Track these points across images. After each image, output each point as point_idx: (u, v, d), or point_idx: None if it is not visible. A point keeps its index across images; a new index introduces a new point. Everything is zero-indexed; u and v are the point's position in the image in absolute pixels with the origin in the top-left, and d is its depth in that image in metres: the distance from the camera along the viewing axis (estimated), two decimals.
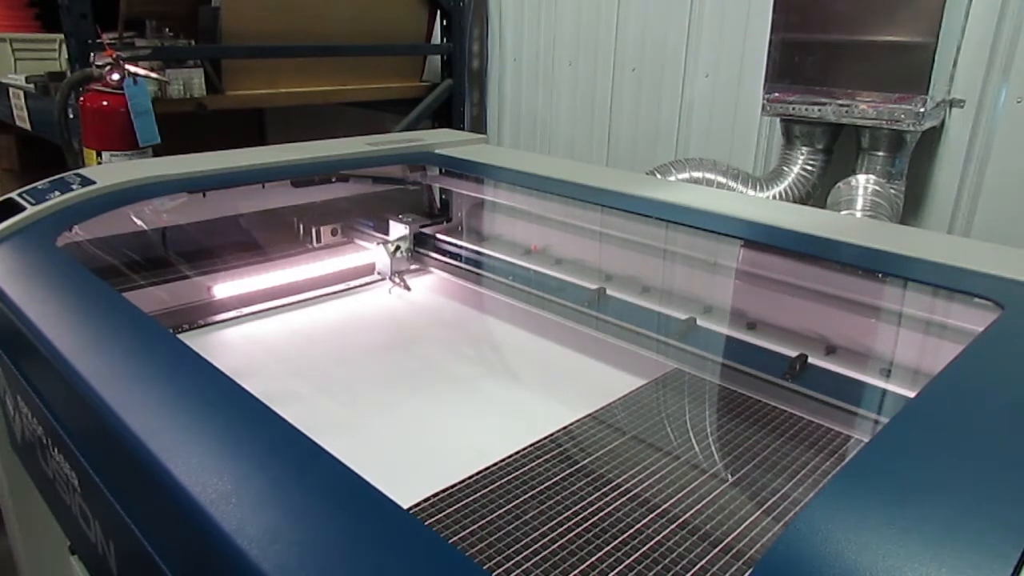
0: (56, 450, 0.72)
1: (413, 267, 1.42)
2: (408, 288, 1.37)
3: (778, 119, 1.82)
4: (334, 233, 1.44)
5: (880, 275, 0.95)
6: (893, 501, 0.45)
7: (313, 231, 1.42)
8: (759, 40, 1.85)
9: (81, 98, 1.76)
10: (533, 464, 0.79)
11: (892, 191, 1.62)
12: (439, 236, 1.46)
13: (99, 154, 1.75)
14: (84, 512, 0.69)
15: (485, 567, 0.63)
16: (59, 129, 1.85)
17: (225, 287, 1.24)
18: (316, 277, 1.34)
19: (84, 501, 0.68)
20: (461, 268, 1.37)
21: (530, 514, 0.70)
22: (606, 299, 1.18)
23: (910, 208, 1.73)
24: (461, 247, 1.43)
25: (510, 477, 0.76)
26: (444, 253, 1.41)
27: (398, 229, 1.43)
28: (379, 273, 1.40)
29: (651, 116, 2.21)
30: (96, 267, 1.13)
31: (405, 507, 0.56)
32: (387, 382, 1.03)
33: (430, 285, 1.40)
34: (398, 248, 1.38)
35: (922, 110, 1.50)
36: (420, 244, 1.45)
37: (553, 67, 2.46)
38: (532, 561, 0.64)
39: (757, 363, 1.03)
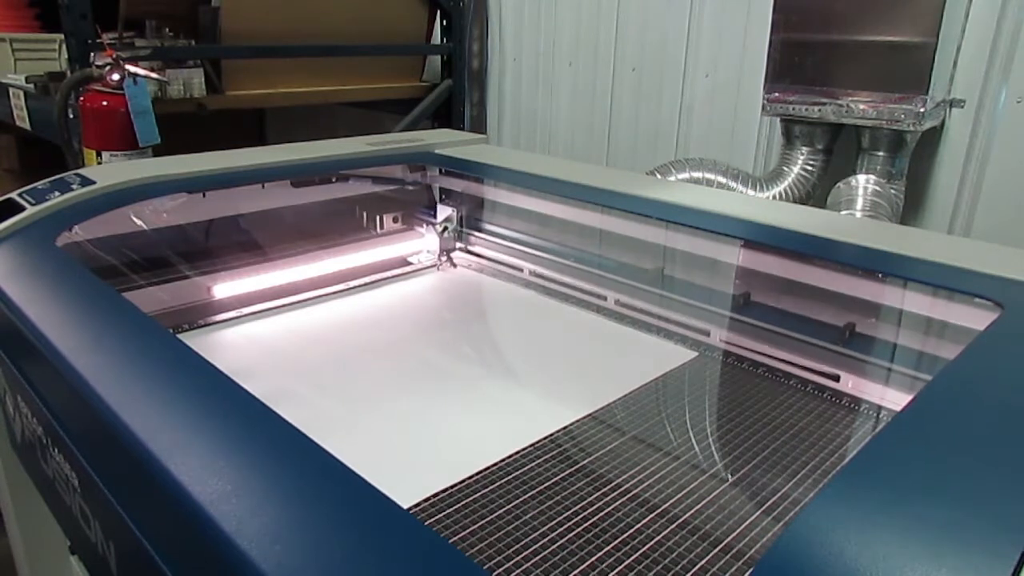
0: (56, 450, 0.72)
1: (459, 246, 1.50)
2: (455, 265, 1.47)
3: (778, 119, 1.82)
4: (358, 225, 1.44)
5: (880, 275, 0.95)
6: (893, 501, 0.45)
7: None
8: (759, 40, 1.85)
9: (81, 98, 1.75)
10: (533, 464, 0.79)
11: (892, 191, 1.62)
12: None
13: (99, 154, 1.75)
14: (84, 512, 0.69)
15: (485, 567, 0.63)
16: (59, 129, 1.85)
17: (225, 287, 1.24)
18: (316, 277, 1.34)
19: (84, 501, 0.68)
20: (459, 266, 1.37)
21: (530, 514, 0.70)
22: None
23: (910, 208, 1.73)
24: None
25: (510, 477, 0.76)
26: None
27: (444, 211, 1.49)
28: (428, 252, 1.49)
29: (651, 116, 2.21)
30: (96, 267, 1.13)
31: (405, 507, 0.56)
32: (388, 381, 1.03)
33: (430, 283, 1.40)
34: (445, 228, 1.47)
35: (922, 110, 1.50)
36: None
37: (553, 67, 2.46)
38: (532, 561, 0.64)
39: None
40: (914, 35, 1.50)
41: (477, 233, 1.48)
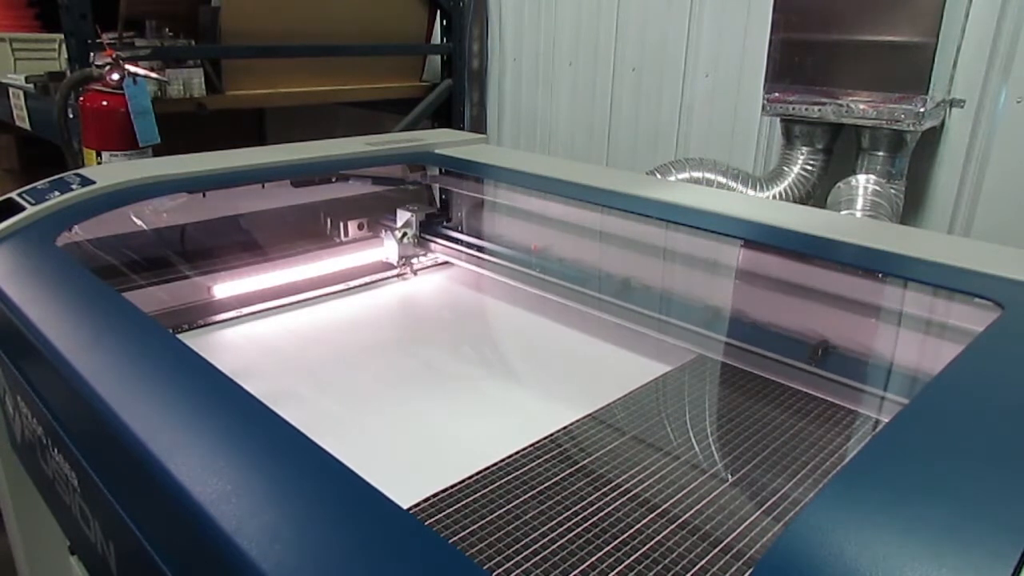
0: (56, 450, 0.72)
1: (421, 253, 1.45)
2: (415, 273, 1.42)
3: (778, 119, 1.82)
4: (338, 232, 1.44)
5: (880, 275, 0.95)
6: (893, 501, 0.45)
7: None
8: (759, 40, 1.85)
9: (81, 98, 1.76)
10: (533, 464, 0.79)
11: (892, 191, 1.62)
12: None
13: (99, 154, 1.75)
14: (84, 512, 0.69)
15: (485, 567, 0.63)
16: (59, 129, 1.85)
17: (226, 287, 1.24)
18: (316, 277, 1.34)
19: (84, 501, 0.68)
20: (459, 266, 1.37)
21: (530, 514, 0.70)
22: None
23: (910, 208, 1.73)
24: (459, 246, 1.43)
25: (510, 477, 0.76)
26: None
27: (403, 216, 1.44)
28: (387, 259, 1.43)
29: (651, 116, 2.21)
30: (96, 267, 1.13)
31: (405, 507, 0.56)
32: (388, 381, 1.02)
33: (432, 282, 1.40)
34: (405, 235, 1.41)
35: (922, 110, 1.50)
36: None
37: (553, 67, 2.46)
38: (532, 561, 0.64)
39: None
40: (914, 35, 1.50)
41: (472, 233, 1.48)
